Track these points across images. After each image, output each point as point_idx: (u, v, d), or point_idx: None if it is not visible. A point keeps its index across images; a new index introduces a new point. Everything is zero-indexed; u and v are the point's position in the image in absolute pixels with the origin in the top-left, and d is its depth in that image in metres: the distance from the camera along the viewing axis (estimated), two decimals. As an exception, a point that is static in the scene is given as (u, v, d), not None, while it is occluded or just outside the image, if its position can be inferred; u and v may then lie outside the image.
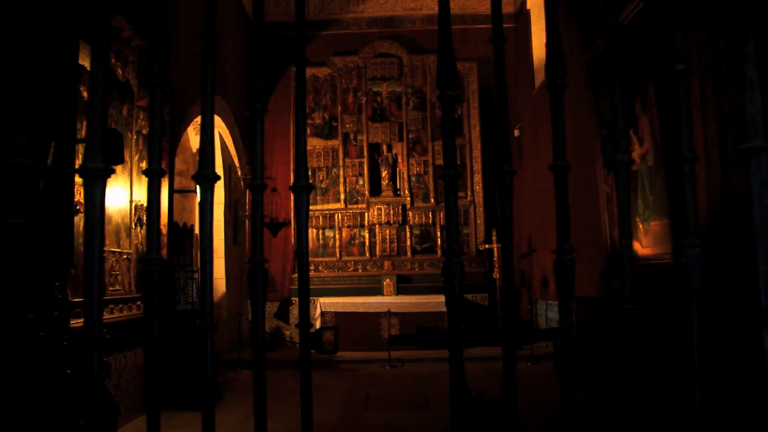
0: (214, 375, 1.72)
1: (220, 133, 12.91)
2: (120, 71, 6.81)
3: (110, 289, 6.73)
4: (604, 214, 9.03)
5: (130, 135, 7.35)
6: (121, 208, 7.11)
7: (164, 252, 8.27)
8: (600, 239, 9.28)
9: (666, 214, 7.16)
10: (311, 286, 13.29)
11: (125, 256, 7.14)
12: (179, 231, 9.36)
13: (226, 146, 13.17)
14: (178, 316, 9.07)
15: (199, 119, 12.68)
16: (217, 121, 12.36)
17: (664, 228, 7.22)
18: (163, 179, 5.95)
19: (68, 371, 4.97)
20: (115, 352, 6.81)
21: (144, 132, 7.82)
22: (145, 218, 7.68)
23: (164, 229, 8.28)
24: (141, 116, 7.74)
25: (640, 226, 7.83)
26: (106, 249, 6.64)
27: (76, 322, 5.85)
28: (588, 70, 9.55)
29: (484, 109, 14.14)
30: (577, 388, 9.02)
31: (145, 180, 7.98)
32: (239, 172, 13.64)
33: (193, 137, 12.75)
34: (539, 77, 13.01)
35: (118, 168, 7.04)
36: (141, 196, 7.71)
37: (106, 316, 6.57)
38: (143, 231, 7.75)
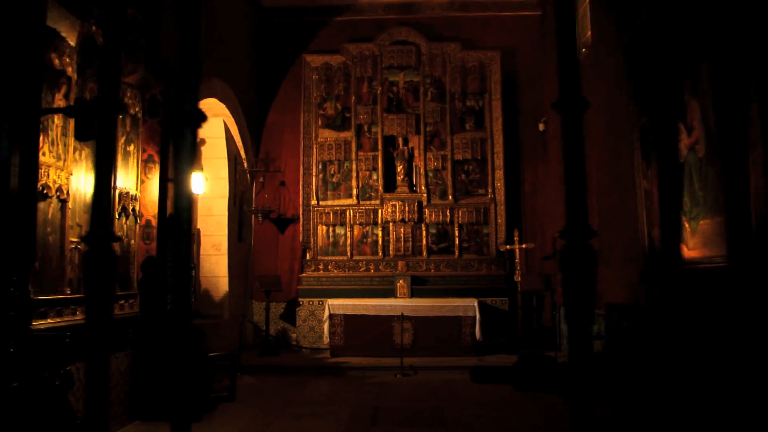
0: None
1: (225, 123, 12.14)
2: (101, 40, 6.02)
3: (86, 286, 5.94)
4: (641, 212, 8.14)
5: (114, 114, 6.56)
6: (102, 195, 6.32)
7: (154, 246, 7.47)
8: (636, 240, 8.39)
9: (719, 212, 6.27)
10: (319, 287, 12.59)
11: (106, 250, 6.35)
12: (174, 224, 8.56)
13: (231, 136, 12.38)
14: (172, 316, 8.28)
15: (201, 106, 11.96)
16: (222, 109, 11.61)
17: (716, 227, 6.33)
18: (154, 166, 5.13)
19: (15, 384, 4.18)
20: (91, 357, 6.01)
21: (131, 111, 7.04)
22: (130, 207, 6.89)
23: (154, 221, 7.48)
24: (128, 94, 6.96)
25: (687, 225, 6.94)
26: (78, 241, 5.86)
27: (40, 324, 5.07)
28: (625, 54, 8.66)
29: (507, 102, 13.26)
30: (599, 401, 8.16)
31: (132, 165, 7.20)
32: (245, 164, 12.85)
33: (196, 126, 11.95)
34: (567, 67, 12.09)
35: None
36: (128, 183, 6.93)
37: (80, 316, 5.78)
38: (129, 222, 6.96)
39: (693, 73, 6.63)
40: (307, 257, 13.07)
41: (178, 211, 1.50)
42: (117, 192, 6.59)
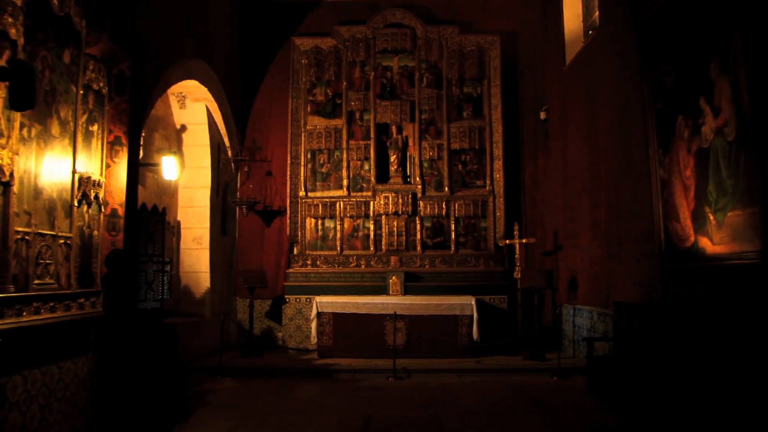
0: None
1: (207, 108, 11.39)
2: (56, 0, 5.27)
3: (37, 282, 5.20)
4: (657, 203, 7.47)
5: (74, 89, 5.81)
6: (58, 180, 5.58)
7: (120, 237, 6.73)
8: (650, 235, 7.71)
9: (751, 202, 5.60)
10: (307, 283, 11.85)
11: (62, 241, 5.61)
12: (146, 214, 7.84)
13: (214, 123, 11.64)
14: (140, 316, 7.56)
15: (180, 89, 11.24)
16: (204, 93, 10.90)
17: (748, 219, 5.66)
18: (121, 149, 4.36)
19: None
20: (42, 364, 5.28)
21: (94, 87, 6.29)
22: (93, 194, 6.15)
23: (121, 210, 6.73)
24: (91, 67, 6.21)
25: (711, 217, 6.28)
26: (31, 231, 5.12)
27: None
28: (638, 34, 7.98)
29: (507, 88, 12.56)
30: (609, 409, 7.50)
31: (96, 147, 6.44)
32: (229, 153, 12.10)
33: (177, 112, 11.28)
34: (571, 52, 11.43)
35: (56, 129, 5.51)
36: (90, 167, 6.19)
37: (29, 317, 5.04)
38: (91, 210, 6.22)
39: (722, 48, 5.94)
40: (295, 252, 12.35)
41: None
42: (77, 176, 5.84)
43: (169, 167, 8.61)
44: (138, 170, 7.55)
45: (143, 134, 9.48)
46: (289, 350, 11.63)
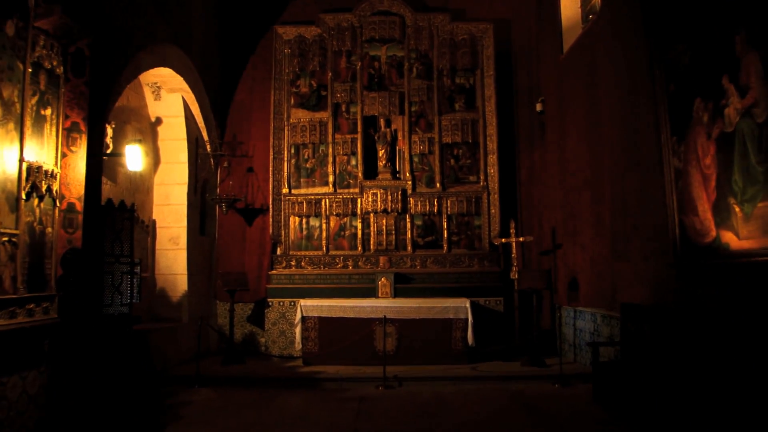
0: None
1: (184, 99, 10.69)
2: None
3: (-27, 285, 4.50)
4: (671, 196, 6.85)
5: (20, 66, 5.11)
6: (1, 169, 4.87)
7: (78, 235, 6.03)
8: (662, 230, 7.09)
9: (786, 191, 4.98)
10: (291, 286, 11.15)
11: (6, 239, 4.91)
12: (113, 211, 7.13)
13: (192, 115, 10.93)
14: (105, 322, 6.85)
15: (154, 78, 10.52)
16: (180, 83, 10.20)
17: (782, 211, 5.04)
18: (80, 136, 3.62)
19: None
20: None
21: (46, 65, 5.59)
22: (45, 186, 5.45)
23: (80, 205, 6.03)
24: (42, 42, 5.51)
25: (737, 209, 5.66)
26: (-34, 226, 4.42)
27: None
28: (645, 13, 7.38)
29: (501, 79, 11.93)
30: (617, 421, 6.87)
31: (49, 133, 5.69)
32: (208, 147, 11.40)
33: (151, 103, 10.59)
34: (569, 40, 10.82)
35: (-2, 111, 4.81)
36: (42, 155, 5.49)
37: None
38: (44, 205, 5.52)
39: (751, 19, 5.32)
40: (278, 252, 11.66)
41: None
42: (25, 166, 5.14)
43: (133, 157, 7.90)
44: (101, 162, 6.85)
45: (113, 125, 8.78)
46: (273, 357, 10.94)
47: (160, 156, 10.86)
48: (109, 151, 8.08)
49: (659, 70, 6.98)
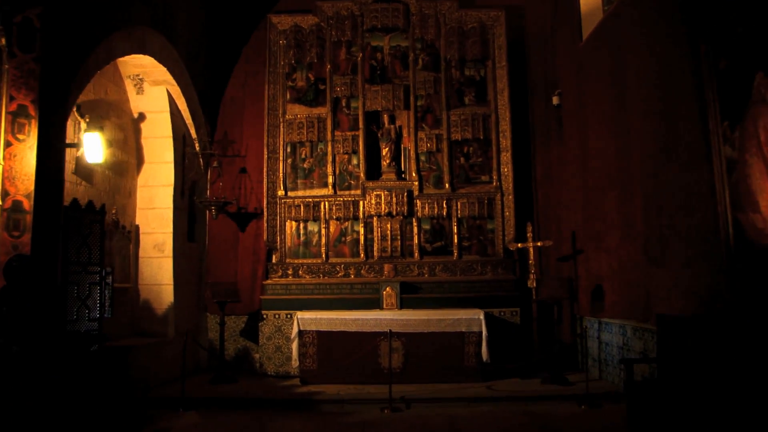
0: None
1: (169, 93, 9.80)
2: None
3: None
4: (722, 190, 5.89)
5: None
6: None
7: (27, 239, 5.10)
8: (711, 230, 6.13)
9: None
10: (287, 296, 10.16)
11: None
12: (77, 212, 6.21)
13: (178, 110, 10.04)
14: (66, 340, 5.92)
15: (135, 69, 9.59)
16: (164, 74, 9.34)
17: None
18: (28, 122, 2.67)
19: None
20: None
21: (-18, 35, 4.68)
22: (-21, 180, 4.52)
23: (28, 203, 5.10)
24: (-24, 7, 4.59)
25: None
26: None
27: None
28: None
29: (514, 70, 11.01)
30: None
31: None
32: (196, 146, 10.47)
33: (133, 97, 9.70)
34: (588, 25, 9.90)
35: None
36: (-21, 143, 4.56)
37: None
38: (-20, 202, 4.59)
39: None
40: (273, 260, 10.72)
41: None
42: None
43: (91, 147, 6.96)
44: (62, 154, 5.91)
45: (86, 119, 7.87)
46: (268, 375, 9.99)
47: (144, 155, 9.96)
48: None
49: (706, 45, 6.03)
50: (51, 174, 5.50)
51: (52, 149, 5.48)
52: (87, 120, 7.96)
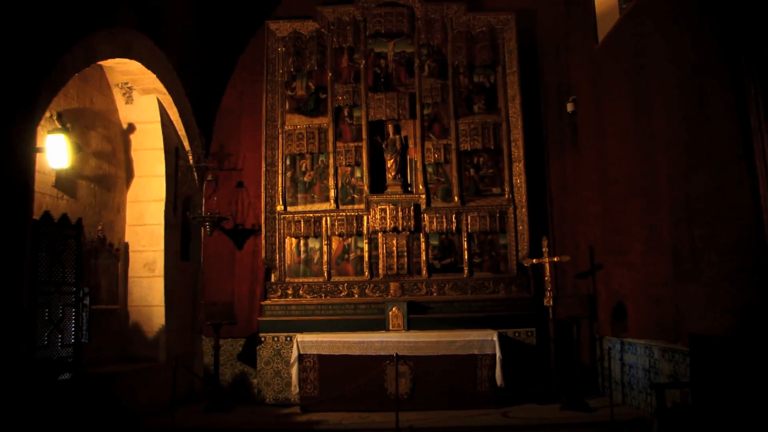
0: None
1: (160, 102, 9.26)
2: None
3: None
4: (766, 195, 5.24)
5: None
6: None
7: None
8: (753, 241, 5.49)
9: None
10: (287, 318, 9.45)
11: None
12: (52, 227, 5.61)
13: (170, 121, 9.50)
14: (34, 368, 5.29)
15: (123, 76, 9.01)
16: (154, 81, 8.86)
17: None
18: None
19: None
20: None
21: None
22: None
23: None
24: None
25: None
26: None
27: None
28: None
29: (526, 76, 10.44)
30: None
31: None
32: (190, 159, 9.91)
33: (122, 107, 9.17)
34: (604, 27, 9.33)
35: None
36: None
37: None
38: None
39: None
40: (272, 279, 10.11)
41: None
42: None
43: (54, 150, 6.37)
44: (29, 162, 5.32)
45: (67, 126, 7.29)
46: (265, 404, 9.33)
47: (134, 168, 9.42)
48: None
49: (745, 35, 5.43)
50: (12, 182, 4.91)
51: (14, 154, 4.89)
52: (68, 126, 7.39)
